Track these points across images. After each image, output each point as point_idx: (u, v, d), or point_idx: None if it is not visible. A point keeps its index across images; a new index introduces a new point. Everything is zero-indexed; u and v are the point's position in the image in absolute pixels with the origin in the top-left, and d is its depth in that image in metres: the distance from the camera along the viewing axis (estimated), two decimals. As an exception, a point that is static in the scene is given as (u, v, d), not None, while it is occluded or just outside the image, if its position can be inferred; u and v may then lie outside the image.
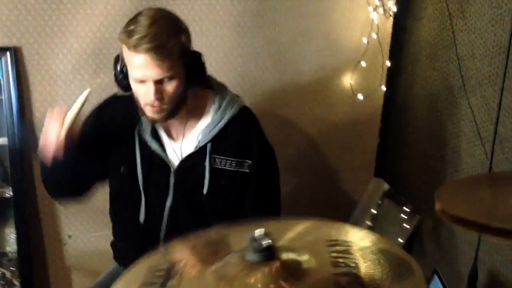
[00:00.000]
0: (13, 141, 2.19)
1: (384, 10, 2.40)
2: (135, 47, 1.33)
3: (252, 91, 2.42)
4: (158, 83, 1.39)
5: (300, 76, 2.50)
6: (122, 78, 1.47)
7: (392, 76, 2.61)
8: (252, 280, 0.75)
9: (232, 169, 1.55)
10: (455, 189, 1.05)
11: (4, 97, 2.14)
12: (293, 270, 0.78)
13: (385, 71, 2.55)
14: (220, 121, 1.55)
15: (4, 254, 2.38)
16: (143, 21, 1.37)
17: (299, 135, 2.59)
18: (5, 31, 2.07)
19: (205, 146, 1.54)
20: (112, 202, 1.70)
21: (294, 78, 2.49)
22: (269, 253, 0.78)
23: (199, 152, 1.54)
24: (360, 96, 2.54)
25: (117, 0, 2.13)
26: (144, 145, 1.57)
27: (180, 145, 1.56)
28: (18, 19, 2.07)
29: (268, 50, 2.41)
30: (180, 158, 1.56)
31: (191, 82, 1.46)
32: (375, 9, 2.41)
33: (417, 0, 2.42)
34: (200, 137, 1.54)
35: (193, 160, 1.55)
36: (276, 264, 0.77)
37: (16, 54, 2.11)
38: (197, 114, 1.56)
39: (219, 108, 1.56)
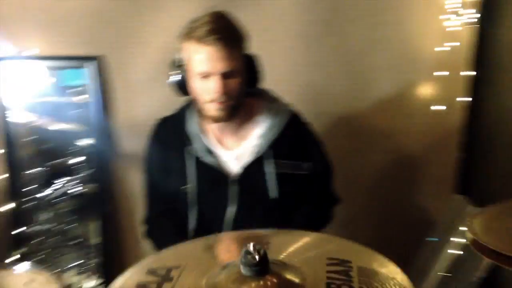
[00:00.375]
0: (99, 141, 2.41)
1: (463, 17, 2.26)
2: (203, 39, 1.36)
3: (318, 100, 2.40)
4: (223, 76, 1.40)
5: (371, 86, 2.43)
6: (182, 82, 1.50)
7: (476, 87, 2.43)
8: None
9: (292, 171, 1.55)
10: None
11: (91, 101, 2.35)
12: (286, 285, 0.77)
13: (466, 82, 2.39)
14: (276, 126, 1.56)
15: (89, 246, 2.59)
16: (209, 17, 1.41)
17: (370, 147, 2.52)
18: (92, 41, 2.29)
19: (264, 151, 1.54)
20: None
21: (365, 88, 2.43)
22: (260, 269, 0.78)
23: (258, 159, 1.54)
24: (437, 107, 2.41)
25: (192, 14, 2.25)
26: (198, 161, 1.56)
27: (237, 154, 1.56)
28: (104, 30, 2.29)
29: (336, 59, 2.38)
30: (240, 166, 1.55)
31: (250, 82, 1.50)
32: (454, 17, 2.27)
33: (501, 7, 2.24)
34: (258, 142, 1.54)
35: (255, 167, 1.54)
36: (268, 280, 0.77)
37: (102, 62, 2.32)
38: (249, 121, 1.57)
39: (272, 113, 1.57)
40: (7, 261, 1.77)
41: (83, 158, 2.48)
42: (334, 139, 2.47)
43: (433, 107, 2.41)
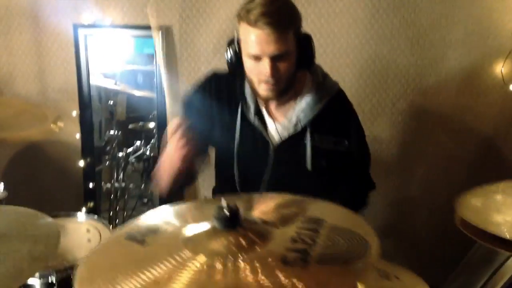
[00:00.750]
0: (161, 109, 2.51)
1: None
2: (255, 22, 1.36)
3: (383, 74, 2.34)
4: (274, 59, 1.41)
5: (441, 62, 2.32)
6: (235, 60, 1.52)
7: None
8: (212, 244, 0.83)
9: (330, 148, 1.57)
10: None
11: (157, 69, 2.48)
12: (250, 241, 0.82)
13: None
14: (320, 101, 1.58)
15: (155, 206, 2.76)
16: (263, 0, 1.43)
17: (436, 125, 2.42)
18: (159, 12, 2.40)
19: (305, 125, 1.57)
20: (215, 166, 1.80)
21: (434, 63, 2.33)
22: (231, 223, 0.84)
23: (299, 132, 1.58)
24: (512, 88, 2.25)
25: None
26: (245, 122, 1.61)
27: (281, 124, 1.60)
28: (171, 2, 2.38)
29: (405, 32, 2.29)
30: (280, 137, 1.60)
31: (302, 64, 1.49)
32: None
33: None
34: (300, 116, 1.58)
35: (294, 139, 1.58)
36: (238, 233, 0.83)
37: (168, 32, 2.42)
38: (296, 95, 1.60)
39: (317, 89, 1.58)
40: (78, 212, 1.95)
41: (153, 123, 2.62)
42: (397, 115, 2.41)
43: (507, 86, 2.25)
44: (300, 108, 1.58)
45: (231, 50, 1.53)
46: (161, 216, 1.03)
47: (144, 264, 0.76)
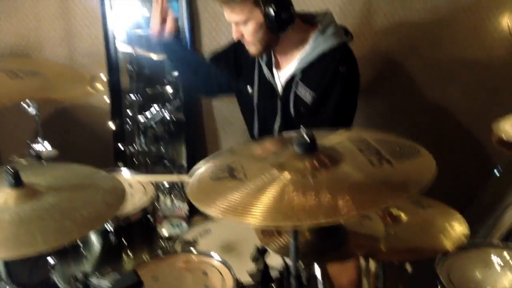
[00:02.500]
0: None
1: None
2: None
3: (394, 28, 2.43)
4: (237, 25, 1.70)
5: (448, 13, 2.40)
6: None
7: None
8: (297, 165, 1.02)
9: (306, 100, 1.76)
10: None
11: (181, 33, 2.57)
12: (330, 158, 1.02)
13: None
14: (311, 53, 1.75)
15: (181, 165, 2.85)
16: None
17: (445, 78, 2.54)
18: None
19: (294, 74, 1.78)
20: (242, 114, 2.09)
21: (441, 15, 2.41)
22: (311, 146, 1.03)
23: (292, 79, 1.79)
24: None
25: None
26: (261, 71, 1.88)
27: (282, 72, 1.83)
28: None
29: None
30: (282, 85, 1.82)
31: (273, 27, 1.68)
32: None
33: None
34: (296, 65, 1.78)
35: (289, 86, 1.79)
36: (318, 155, 1.04)
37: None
38: (299, 46, 1.79)
39: (315, 41, 1.75)
40: (123, 168, 2.09)
41: (175, 88, 2.70)
42: (410, 69, 2.53)
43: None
44: (298, 58, 1.77)
45: None
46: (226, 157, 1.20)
47: (242, 184, 0.94)
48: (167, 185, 2.68)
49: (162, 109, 2.78)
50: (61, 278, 1.81)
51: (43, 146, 1.98)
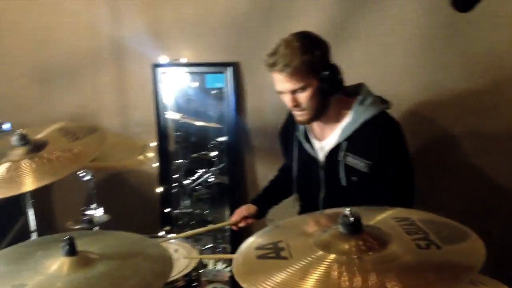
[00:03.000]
0: (232, 139, 2.75)
1: None
2: (271, 68, 1.73)
3: (439, 100, 2.47)
4: (293, 93, 1.72)
5: (495, 86, 2.43)
6: None
7: None
8: (342, 246, 1.03)
9: (360, 168, 1.77)
10: None
11: (226, 102, 2.71)
12: (377, 241, 1.00)
13: None
14: (355, 122, 1.79)
15: (224, 230, 2.90)
16: (277, 46, 1.74)
17: (493, 146, 2.51)
18: (229, 49, 2.64)
19: (339, 144, 1.79)
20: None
21: (488, 88, 2.44)
22: (356, 227, 1.03)
23: (337, 149, 1.80)
24: None
25: (317, 21, 2.47)
26: (300, 145, 1.93)
27: (324, 143, 1.86)
28: (239, 40, 2.62)
29: (459, 61, 2.42)
30: (324, 155, 1.84)
31: (327, 92, 1.74)
32: None
33: None
34: (339, 136, 1.81)
35: (333, 156, 1.82)
36: (363, 236, 1.03)
37: (237, 68, 2.65)
38: (340, 117, 1.84)
39: (356, 110, 1.80)
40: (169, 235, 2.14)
41: (219, 152, 2.79)
42: (456, 139, 2.52)
43: None
44: (340, 128, 1.82)
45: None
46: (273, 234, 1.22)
47: (287, 264, 0.96)
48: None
49: (207, 173, 2.86)
50: None
51: (96, 212, 2.08)
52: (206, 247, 2.80)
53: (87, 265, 1.32)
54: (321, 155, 1.88)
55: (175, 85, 2.75)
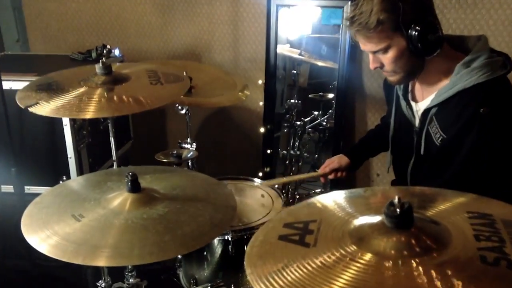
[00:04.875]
0: (344, 81, 2.53)
1: None
2: (351, 28, 1.49)
3: None
4: (375, 53, 1.50)
5: None
6: None
7: None
8: (382, 244, 0.77)
9: (434, 139, 1.50)
10: None
11: (341, 39, 2.44)
12: (430, 242, 0.75)
13: None
14: (450, 88, 1.45)
15: None
16: (354, 6, 1.47)
17: None
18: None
19: (429, 109, 1.52)
20: None
21: None
22: (403, 221, 0.78)
23: (427, 114, 1.53)
24: None
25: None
26: (398, 101, 1.68)
27: (421, 105, 1.59)
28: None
29: None
30: (418, 119, 1.59)
31: (418, 53, 1.45)
32: None
33: None
34: (432, 100, 1.51)
35: (423, 121, 1.55)
36: (411, 233, 0.77)
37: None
38: (443, 76, 1.51)
39: (457, 74, 1.45)
40: (255, 178, 2.08)
41: (333, 94, 2.63)
42: None
43: None
44: (436, 91, 1.51)
45: None
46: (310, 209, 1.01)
47: (309, 253, 0.77)
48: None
49: (320, 116, 2.74)
50: (184, 276, 1.88)
51: (189, 147, 2.08)
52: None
53: (148, 204, 1.31)
54: (417, 118, 1.62)
55: (290, 20, 2.58)
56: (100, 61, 1.54)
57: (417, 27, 1.41)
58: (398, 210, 0.77)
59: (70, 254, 1.14)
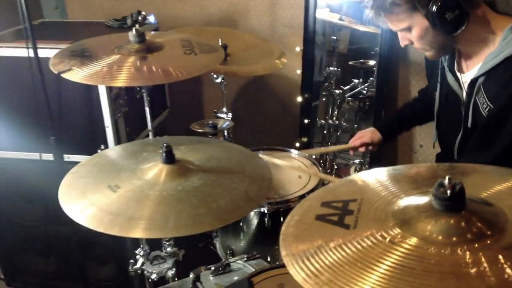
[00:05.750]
0: (387, 48, 2.43)
1: None
2: (368, 9, 1.48)
3: None
4: (402, 32, 1.49)
5: None
6: None
7: None
8: (429, 227, 0.71)
9: (481, 109, 1.43)
10: None
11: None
12: (483, 227, 0.69)
13: None
14: (500, 53, 1.35)
15: None
16: None
17: None
18: None
19: (475, 79, 1.45)
20: None
21: None
22: (453, 204, 0.72)
23: (474, 83, 1.45)
24: None
25: None
26: (443, 75, 1.60)
27: (467, 76, 1.52)
28: None
29: None
30: (466, 90, 1.52)
31: (443, 27, 1.39)
32: None
33: None
34: (478, 70, 1.43)
35: (471, 92, 1.47)
36: (462, 217, 0.70)
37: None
38: (489, 42, 1.43)
39: (504, 39, 1.36)
40: (292, 149, 2.04)
41: (374, 61, 2.53)
42: None
43: None
44: (482, 61, 1.43)
45: None
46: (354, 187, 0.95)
47: (349, 235, 0.73)
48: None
49: (360, 84, 2.64)
50: (221, 246, 1.88)
51: (225, 116, 2.05)
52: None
53: (183, 175, 1.28)
54: (463, 90, 1.54)
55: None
56: (134, 28, 1.51)
57: (434, 6, 1.35)
58: (448, 191, 0.70)
59: (107, 224, 1.13)
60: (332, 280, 0.65)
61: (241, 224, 1.81)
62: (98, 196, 1.22)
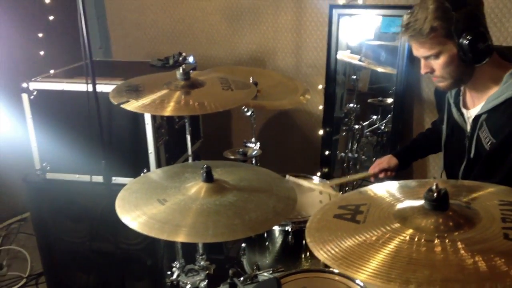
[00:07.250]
0: (402, 87, 2.61)
1: None
2: (405, 34, 1.59)
3: None
4: (426, 59, 1.60)
5: None
6: None
7: None
8: (422, 222, 0.94)
9: (484, 143, 1.59)
10: None
11: (400, 47, 2.54)
12: (461, 221, 0.92)
13: None
14: (501, 94, 1.53)
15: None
16: (415, 5, 1.56)
17: None
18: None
19: (479, 115, 1.61)
20: None
21: None
22: (439, 204, 0.95)
23: (478, 119, 1.62)
24: None
25: None
26: (450, 110, 1.77)
27: (471, 112, 1.68)
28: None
29: None
30: (469, 124, 1.68)
31: (468, 61, 1.52)
32: None
33: None
34: (482, 106, 1.60)
35: (474, 126, 1.64)
36: (447, 213, 0.94)
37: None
38: (492, 84, 1.60)
39: (505, 83, 1.54)
40: (314, 176, 2.22)
41: (391, 99, 2.72)
42: None
43: None
44: (486, 98, 1.60)
45: None
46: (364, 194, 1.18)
47: (359, 228, 0.95)
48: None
49: (378, 120, 2.83)
50: (247, 262, 2.07)
51: (253, 146, 2.27)
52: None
53: (220, 192, 1.51)
54: (468, 124, 1.71)
55: (350, 28, 2.71)
56: (181, 67, 1.78)
57: (468, 36, 1.50)
58: (435, 194, 0.93)
59: (157, 230, 1.35)
60: (345, 257, 0.88)
61: (266, 242, 2.00)
62: (149, 208, 1.44)
